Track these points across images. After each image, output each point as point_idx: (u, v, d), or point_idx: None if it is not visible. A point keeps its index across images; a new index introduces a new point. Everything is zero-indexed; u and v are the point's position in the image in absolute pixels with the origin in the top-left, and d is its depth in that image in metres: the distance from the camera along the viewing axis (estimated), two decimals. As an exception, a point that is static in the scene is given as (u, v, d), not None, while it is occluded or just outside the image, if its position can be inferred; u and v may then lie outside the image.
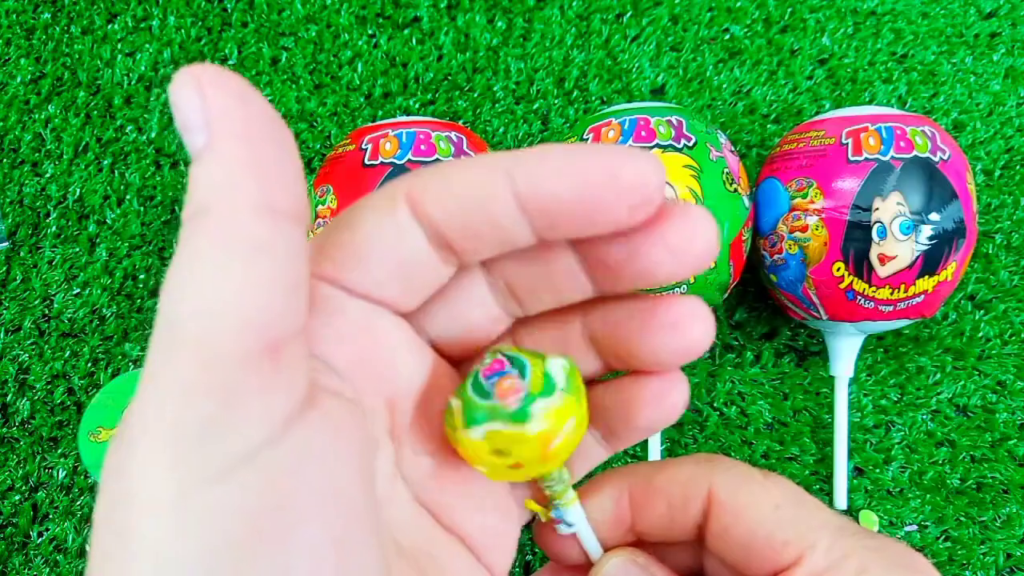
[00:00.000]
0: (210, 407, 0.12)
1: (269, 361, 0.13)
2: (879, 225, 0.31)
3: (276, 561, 0.12)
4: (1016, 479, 0.37)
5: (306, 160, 0.40)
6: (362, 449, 0.15)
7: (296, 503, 0.13)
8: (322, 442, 0.14)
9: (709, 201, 0.31)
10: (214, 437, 0.12)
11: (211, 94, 0.13)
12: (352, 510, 0.14)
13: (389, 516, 0.17)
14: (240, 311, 0.12)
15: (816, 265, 0.32)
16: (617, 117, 0.33)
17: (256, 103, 0.13)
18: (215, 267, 0.12)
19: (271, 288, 0.13)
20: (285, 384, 0.13)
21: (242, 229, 0.12)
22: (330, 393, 0.15)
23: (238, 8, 0.42)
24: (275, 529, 0.12)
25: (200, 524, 0.12)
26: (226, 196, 0.12)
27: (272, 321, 0.13)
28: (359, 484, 0.14)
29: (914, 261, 0.31)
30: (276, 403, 0.13)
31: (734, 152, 0.34)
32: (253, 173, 0.13)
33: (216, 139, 0.12)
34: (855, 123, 0.33)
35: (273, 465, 0.12)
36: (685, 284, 0.32)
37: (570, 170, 0.15)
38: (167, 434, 0.12)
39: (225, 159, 0.12)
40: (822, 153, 0.33)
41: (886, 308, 0.32)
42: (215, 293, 0.12)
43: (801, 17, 0.42)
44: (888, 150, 0.32)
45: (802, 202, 0.33)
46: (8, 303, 0.39)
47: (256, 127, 0.13)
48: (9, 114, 0.41)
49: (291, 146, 0.13)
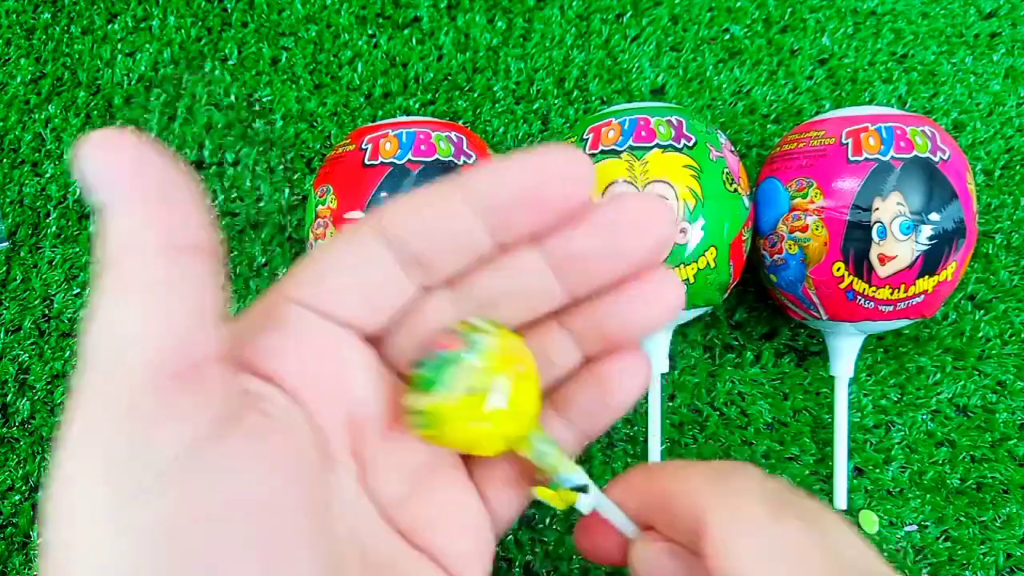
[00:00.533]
0: (127, 430, 0.13)
1: (181, 385, 0.14)
2: (879, 225, 0.31)
3: (197, 570, 0.13)
4: (1016, 479, 0.37)
5: (306, 160, 0.40)
6: (298, 463, 0.16)
7: (214, 515, 0.14)
8: (243, 456, 0.15)
9: (709, 201, 0.31)
10: (133, 457, 0.13)
11: (110, 158, 0.14)
12: (280, 520, 0.15)
13: (354, 530, 0.17)
14: (147, 343, 0.14)
15: (816, 265, 0.32)
16: (617, 117, 0.33)
17: (150, 157, 0.14)
18: (122, 306, 0.14)
19: (176, 319, 0.14)
20: (200, 405, 0.14)
21: (142, 271, 0.14)
22: (260, 410, 0.16)
23: (238, 8, 0.42)
24: (194, 540, 0.13)
25: (126, 537, 0.13)
26: (127, 244, 0.14)
27: (180, 349, 0.14)
28: (290, 496, 0.15)
29: (914, 261, 0.31)
30: (190, 423, 0.14)
31: (734, 152, 0.34)
32: (150, 220, 0.14)
33: (116, 197, 0.14)
34: (855, 123, 0.33)
35: (189, 480, 0.14)
36: (686, 284, 0.32)
37: (513, 172, 0.18)
38: (94, 455, 0.13)
39: (125, 212, 0.14)
40: (822, 153, 0.33)
41: (886, 308, 0.32)
42: (123, 329, 0.14)
43: (801, 17, 0.42)
44: (888, 150, 0.32)
45: (802, 202, 0.33)
46: (8, 303, 0.39)
47: (151, 178, 0.14)
48: (9, 114, 0.41)
49: (189, 187, 0.15)
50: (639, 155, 0.31)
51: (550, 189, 0.18)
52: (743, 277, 0.38)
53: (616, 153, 0.32)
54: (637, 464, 0.21)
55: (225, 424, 0.14)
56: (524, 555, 0.36)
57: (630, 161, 0.31)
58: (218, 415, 0.14)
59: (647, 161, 0.31)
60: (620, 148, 0.32)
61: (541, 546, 0.36)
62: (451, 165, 0.32)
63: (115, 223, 0.14)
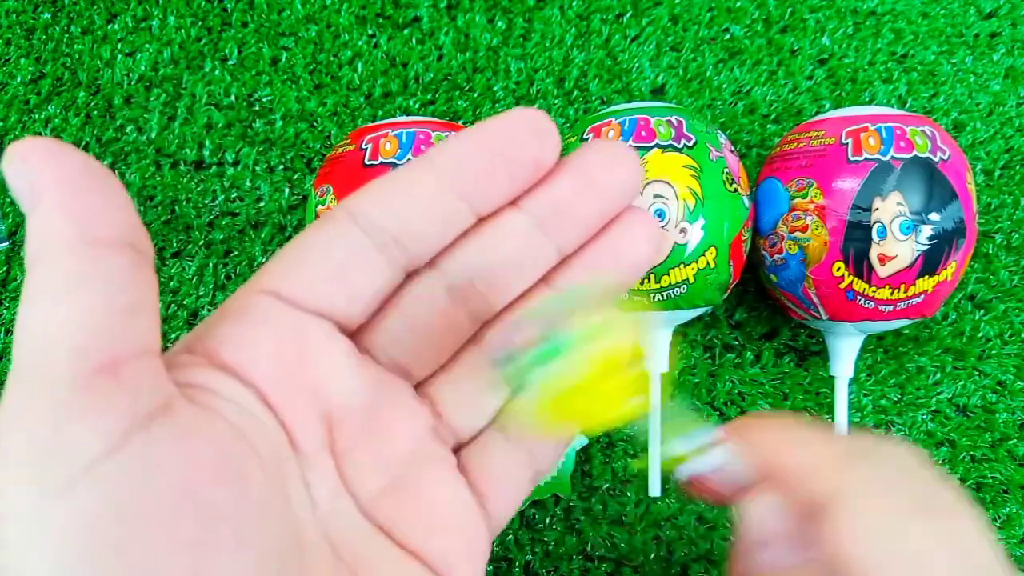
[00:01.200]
0: (49, 427, 0.13)
1: (104, 381, 0.14)
2: (879, 225, 0.31)
3: (123, 566, 0.13)
4: (1016, 479, 0.37)
5: (306, 160, 0.40)
6: (242, 457, 0.15)
7: (139, 511, 0.13)
8: (171, 452, 0.14)
9: (709, 201, 0.31)
10: (55, 454, 0.13)
11: (26, 163, 0.14)
12: (213, 516, 0.14)
13: (326, 526, 0.17)
14: (66, 340, 0.14)
15: (816, 265, 0.32)
16: (617, 117, 0.33)
17: (65, 157, 0.14)
18: (41, 303, 0.14)
19: (97, 315, 0.14)
20: (125, 399, 0.14)
21: (60, 267, 0.14)
22: (199, 404, 0.15)
23: (238, 8, 0.42)
24: (120, 538, 0.13)
25: (54, 535, 0.13)
26: (45, 242, 0.14)
27: (102, 343, 0.14)
28: (227, 492, 0.15)
29: (914, 261, 0.31)
30: (113, 418, 0.14)
31: (734, 152, 0.34)
32: (68, 216, 0.14)
33: (36, 198, 0.14)
34: (855, 123, 0.33)
35: (113, 476, 0.13)
36: (686, 284, 0.32)
37: (480, 137, 0.18)
38: (19, 454, 0.13)
39: (43, 211, 0.14)
40: (822, 153, 0.33)
41: (886, 308, 0.32)
42: (43, 327, 0.14)
43: (801, 17, 0.42)
44: (888, 150, 0.32)
45: (802, 202, 0.33)
46: (8, 303, 0.39)
47: (66, 176, 0.14)
48: (9, 114, 0.41)
49: (108, 183, 0.15)
50: (639, 155, 0.31)
51: (519, 148, 0.18)
52: (743, 277, 0.38)
53: None
54: (758, 414, 0.20)
55: (153, 418, 0.14)
56: (524, 555, 0.36)
57: None
58: (145, 409, 0.14)
59: (647, 161, 0.31)
60: None
61: (541, 546, 0.36)
62: None
63: (33, 223, 0.14)
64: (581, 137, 0.33)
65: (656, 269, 0.31)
